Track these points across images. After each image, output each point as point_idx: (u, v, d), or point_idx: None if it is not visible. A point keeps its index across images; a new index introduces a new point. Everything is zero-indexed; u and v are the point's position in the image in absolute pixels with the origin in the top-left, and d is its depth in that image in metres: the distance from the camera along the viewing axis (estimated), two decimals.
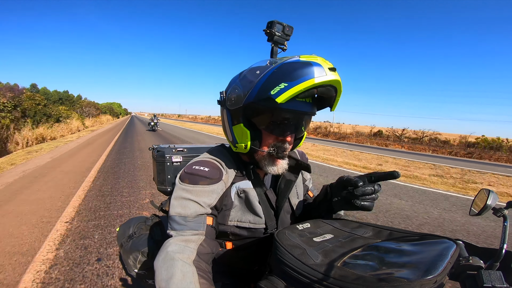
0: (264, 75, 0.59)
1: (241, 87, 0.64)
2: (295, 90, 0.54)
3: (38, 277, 1.89)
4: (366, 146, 18.44)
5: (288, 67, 0.57)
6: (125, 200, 3.50)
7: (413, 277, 0.40)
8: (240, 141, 0.66)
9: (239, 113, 0.66)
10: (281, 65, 0.58)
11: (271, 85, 0.57)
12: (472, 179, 7.06)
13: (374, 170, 7.18)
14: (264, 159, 0.68)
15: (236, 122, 0.67)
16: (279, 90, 0.55)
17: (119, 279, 1.88)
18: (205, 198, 0.62)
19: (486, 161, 14.46)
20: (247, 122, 0.65)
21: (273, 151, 0.66)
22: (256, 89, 0.60)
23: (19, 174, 4.87)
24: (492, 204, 0.62)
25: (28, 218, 2.93)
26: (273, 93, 0.56)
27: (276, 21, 0.70)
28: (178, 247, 0.55)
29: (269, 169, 0.67)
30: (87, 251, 2.26)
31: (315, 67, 0.55)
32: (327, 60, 0.59)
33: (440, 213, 3.94)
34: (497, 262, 0.51)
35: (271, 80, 0.58)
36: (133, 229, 0.93)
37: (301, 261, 0.48)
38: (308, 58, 0.58)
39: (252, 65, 0.66)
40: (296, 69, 0.55)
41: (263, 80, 0.59)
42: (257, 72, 0.62)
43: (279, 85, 0.56)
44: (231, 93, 0.67)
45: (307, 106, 0.63)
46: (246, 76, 0.64)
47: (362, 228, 0.65)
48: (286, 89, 0.55)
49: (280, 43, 0.73)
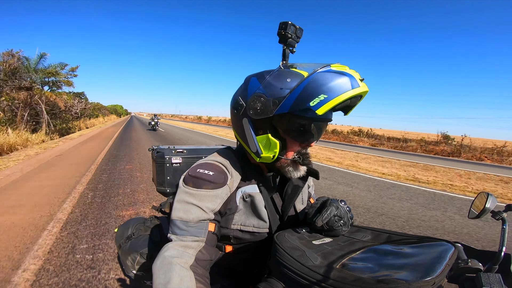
0: (299, 85, 0.58)
1: (268, 96, 0.60)
2: (335, 102, 0.55)
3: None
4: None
5: (324, 78, 0.56)
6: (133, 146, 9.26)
7: (412, 278, 0.40)
8: (267, 152, 0.64)
9: (267, 123, 0.63)
10: (317, 75, 0.57)
11: (310, 96, 0.56)
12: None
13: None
14: (288, 166, 0.67)
15: (262, 132, 0.64)
16: (319, 102, 0.55)
17: (117, 280, 1.86)
18: (208, 203, 0.61)
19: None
20: (274, 131, 0.64)
21: (298, 158, 0.66)
22: (291, 99, 0.58)
23: (86, 137, 12.18)
24: (491, 207, 0.62)
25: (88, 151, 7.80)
26: (312, 105, 0.55)
27: (290, 22, 0.68)
28: (176, 252, 0.55)
29: (293, 174, 0.68)
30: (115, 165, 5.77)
31: (350, 78, 0.55)
32: (353, 69, 0.60)
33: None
34: (496, 264, 0.51)
35: (309, 90, 0.56)
36: (131, 230, 0.93)
37: (300, 262, 0.48)
38: (339, 68, 0.58)
39: (274, 71, 0.63)
40: (333, 80, 0.55)
41: (299, 90, 0.57)
42: (287, 80, 0.59)
43: (319, 96, 0.55)
44: (254, 101, 0.62)
45: (331, 114, 0.64)
46: (273, 84, 0.61)
47: (361, 232, 0.66)
48: (327, 100, 0.55)
49: (292, 45, 0.71)
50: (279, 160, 0.66)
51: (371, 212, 3.65)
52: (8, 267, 1.94)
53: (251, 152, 0.68)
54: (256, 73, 0.67)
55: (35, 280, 1.80)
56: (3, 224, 2.64)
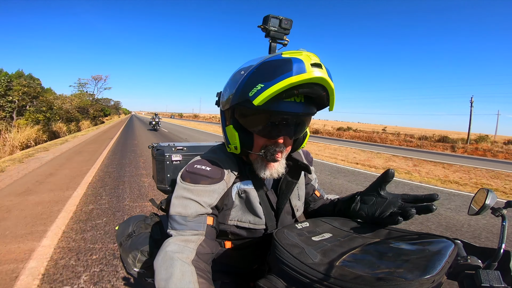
0: (245, 76, 0.57)
1: (228, 88, 0.63)
2: (270, 91, 0.51)
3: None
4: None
5: (267, 66, 0.53)
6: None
7: (412, 276, 0.40)
8: (232, 142, 0.65)
9: (229, 115, 0.65)
10: (261, 64, 0.55)
11: (250, 86, 0.54)
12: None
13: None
14: (257, 162, 0.66)
15: (228, 123, 0.66)
16: (256, 92, 0.52)
17: (119, 278, 1.88)
18: (206, 198, 0.61)
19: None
20: (237, 123, 0.64)
21: (263, 154, 0.63)
22: (238, 90, 0.58)
23: (110, 125, 25.96)
24: (490, 204, 0.62)
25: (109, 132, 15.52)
26: (250, 95, 0.53)
27: (271, 15, 0.67)
28: (177, 247, 0.55)
29: (261, 173, 0.65)
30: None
31: (295, 64, 0.50)
32: (315, 54, 0.54)
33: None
34: (495, 261, 0.51)
35: (250, 80, 0.55)
36: (132, 228, 0.93)
37: (299, 260, 0.48)
38: (291, 54, 0.53)
39: (242, 64, 0.64)
40: (274, 68, 0.52)
41: (244, 81, 0.56)
42: (241, 72, 0.60)
43: (256, 86, 0.53)
44: (223, 94, 0.67)
45: (297, 107, 0.57)
46: (234, 76, 0.63)
47: (361, 228, 0.65)
48: (262, 90, 0.52)
49: (278, 38, 0.70)
50: (250, 154, 0.67)
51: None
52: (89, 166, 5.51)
53: (225, 143, 0.71)
54: None
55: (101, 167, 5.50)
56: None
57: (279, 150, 0.63)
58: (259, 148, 0.64)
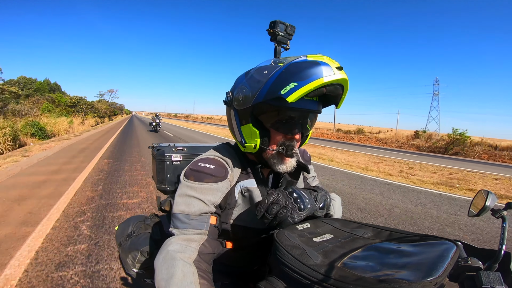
0: (273, 75, 0.59)
1: (248, 87, 0.64)
2: (305, 89, 0.55)
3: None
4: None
5: (296, 67, 0.57)
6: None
7: (414, 278, 0.40)
8: (249, 141, 0.66)
9: (248, 113, 0.65)
10: (290, 65, 0.58)
11: (281, 84, 0.57)
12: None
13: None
14: (273, 158, 0.67)
15: (245, 122, 0.67)
16: (290, 90, 0.56)
17: (118, 279, 1.87)
18: (209, 196, 0.61)
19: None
20: (256, 121, 0.65)
21: (282, 149, 0.66)
22: (265, 89, 0.60)
23: (119, 120, 43.01)
24: (490, 205, 0.62)
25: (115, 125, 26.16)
26: (283, 93, 0.56)
27: (279, 20, 0.70)
28: (179, 246, 0.55)
29: (278, 167, 0.67)
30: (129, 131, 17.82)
31: (323, 66, 0.56)
32: (333, 59, 0.60)
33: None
34: (496, 263, 0.51)
35: (281, 79, 0.58)
36: (132, 228, 0.93)
37: (300, 261, 0.48)
38: (315, 57, 0.59)
39: (258, 65, 0.66)
40: (305, 69, 0.56)
41: (272, 80, 0.59)
42: (265, 72, 0.62)
43: (289, 84, 0.56)
44: (238, 93, 0.66)
45: (314, 105, 0.64)
46: (253, 76, 0.64)
47: (362, 229, 0.65)
48: (296, 88, 0.55)
49: (283, 42, 0.74)
50: (264, 151, 0.67)
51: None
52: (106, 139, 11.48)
53: (238, 142, 0.71)
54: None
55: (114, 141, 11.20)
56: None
57: (295, 145, 0.67)
58: (276, 145, 0.66)
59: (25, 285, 1.77)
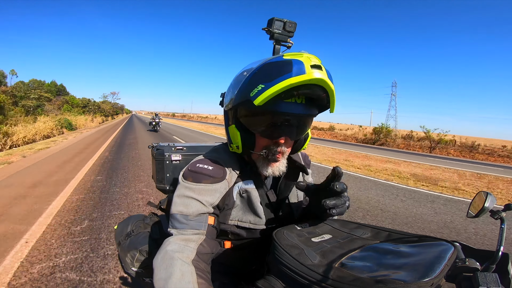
0: (247, 76, 0.58)
1: (232, 89, 0.64)
2: (270, 92, 0.51)
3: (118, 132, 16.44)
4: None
5: (268, 67, 0.54)
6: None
7: (410, 279, 0.40)
8: (234, 142, 0.66)
9: (231, 115, 0.66)
10: (263, 65, 0.56)
11: (251, 86, 0.55)
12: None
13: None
14: (258, 161, 0.67)
15: (231, 123, 0.67)
16: (257, 92, 0.53)
17: (117, 278, 1.88)
18: (207, 197, 0.61)
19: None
20: (239, 123, 0.65)
21: (264, 153, 0.64)
22: (240, 91, 0.59)
23: (120, 119, 48.83)
24: (489, 207, 0.62)
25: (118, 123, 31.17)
26: (251, 95, 0.54)
27: (275, 18, 0.68)
28: (178, 246, 0.55)
29: (264, 170, 0.67)
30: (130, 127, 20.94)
31: (295, 65, 0.51)
32: (316, 56, 0.55)
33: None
34: (493, 264, 0.51)
35: (252, 81, 0.56)
36: (131, 227, 0.93)
37: (298, 261, 0.48)
38: (292, 56, 0.54)
39: (245, 66, 0.65)
40: (274, 69, 0.53)
41: (246, 82, 0.58)
42: (244, 73, 0.61)
43: (257, 86, 0.54)
44: (226, 94, 0.68)
45: (298, 108, 0.58)
46: (237, 77, 0.64)
47: (361, 229, 0.66)
48: (263, 90, 0.52)
49: (282, 40, 0.71)
50: (252, 154, 0.67)
51: None
52: (111, 133, 14.69)
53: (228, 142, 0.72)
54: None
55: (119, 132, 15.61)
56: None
57: (280, 150, 0.64)
58: (261, 148, 0.65)
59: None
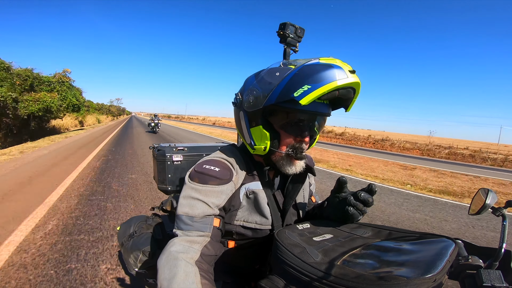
0: (285, 77, 0.59)
1: (259, 89, 0.63)
2: (319, 92, 0.55)
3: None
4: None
5: (310, 69, 0.57)
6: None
7: (412, 275, 0.40)
8: (259, 143, 0.66)
9: (258, 115, 0.65)
10: (303, 67, 0.58)
11: (294, 87, 0.57)
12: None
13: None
14: (282, 160, 0.67)
15: (255, 124, 0.66)
16: (303, 92, 0.56)
17: (120, 278, 1.88)
18: (213, 199, 0.61)
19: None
20: (266, 123, 0.65)
21: (292, 152, 0.66)
22: (277, 91, 0.60)
23: (123, 118, 68.83)
24: (490, 204, 0.62)
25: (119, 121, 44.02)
26: (296, 95, 0.56)
27: (289, 22, 0.69)
28: (182, 247, 0.55)
29: (287, 169, 0.67)
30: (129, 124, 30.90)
31: (337, 69, 0.56)
32: (345, 62, 0.60)
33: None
34: (496, 261, 0.51)
35: (293, 82, 0.57)
36: (133, 228, 0.93)
37: (301, 259, 0.48)
38: (328, 60, 0.58)
39: (269, 67, 0.66)
40: (318, 71, 0.56)
41: (284, 82, 0.59)
42: (276, 74, 0.61)
43: (302, 87, 0.56)
44: (248, 95, 0.66)
45: (325, 108, 0.63)
46: (264, 78, 0.64)
47: (362, 229, 0.66)
48: (310, 91, 0.55)
49: (293, 44, 0.73)
50: (274, 153, 0.67)
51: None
52: (113, 128, 22.71)
53: (246, 144, 0.71)
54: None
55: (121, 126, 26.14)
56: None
57: (304, 147, 0.67)
58: (286, 147, 0.66)
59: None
